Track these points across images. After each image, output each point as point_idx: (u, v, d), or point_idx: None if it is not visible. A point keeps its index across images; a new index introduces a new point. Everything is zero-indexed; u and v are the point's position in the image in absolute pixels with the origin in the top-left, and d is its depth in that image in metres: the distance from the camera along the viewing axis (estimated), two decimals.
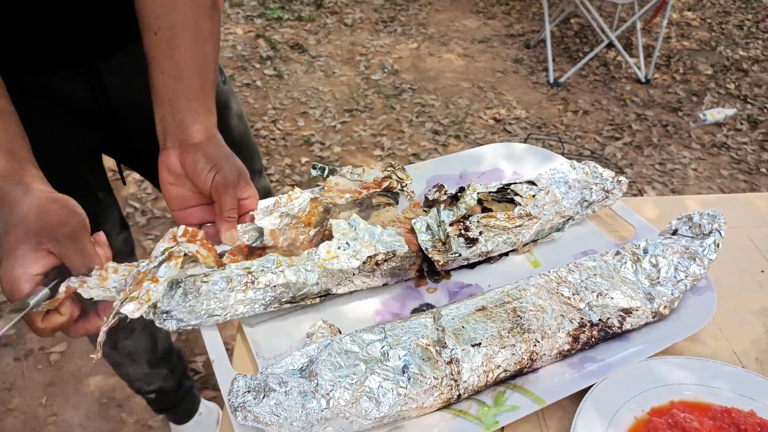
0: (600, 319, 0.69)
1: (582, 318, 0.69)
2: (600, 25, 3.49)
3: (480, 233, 0.78)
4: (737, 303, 0.80)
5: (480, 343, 0.64)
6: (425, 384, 0.61)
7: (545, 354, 0.66)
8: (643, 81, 3.50)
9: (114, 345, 1.26)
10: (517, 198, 0.82)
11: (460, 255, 0.77)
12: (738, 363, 0.72)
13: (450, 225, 0.78)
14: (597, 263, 0.75)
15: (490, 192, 0.84)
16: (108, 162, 1.12)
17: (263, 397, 0.58)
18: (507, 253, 0.83)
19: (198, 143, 0.71)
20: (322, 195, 0.79)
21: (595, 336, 0.69)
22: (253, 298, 0.68)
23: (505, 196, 0.84)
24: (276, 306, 0.71)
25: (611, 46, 3.56)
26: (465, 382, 0.62)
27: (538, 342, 0.66)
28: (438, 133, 3.00)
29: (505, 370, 0.64)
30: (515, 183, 0.84)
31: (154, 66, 0.73)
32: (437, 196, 0.85)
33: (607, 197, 0.87)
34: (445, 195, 0.85)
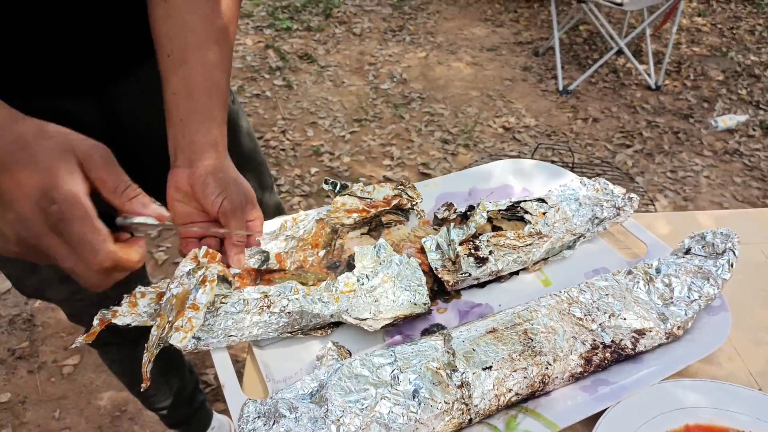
0: (613, 341, 0.68)
1: (594, 339, 0.68)
2: (609, 32, 3.48)
3: (490, 252, 0.77)
4: (753, 322, 0.78)
5: (491, 366, 0.63)
6: (436, 408, 0.60)
7: (557, 377, 0.66)
8: (654, 88, 3.48)
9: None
10: (527, 216, 0.82)
11: (470, 275, 0.76)
12: (754, 385, 0.71)
13: (460, 244, 0.77)
14: (609, 283, 0.74)
15: (499, 210, 0.83)
16: None
17: (273, 423, 0.57)
18: (517, 272, 0.82)
19: (207, 166, 0.72)
20: (328, 216, 0.79)
21: (608, 358, 0.68)
22: (268, 321, 0.69)
23: (515, 213, 0.84)
24: (289, 334, 0.71)
25: (621, 53, 3.55)
26: (476, 406, 0.62)
27: (550, 365, 0.65)
28: (447, 142, 3.00)
29: (517, 393, 0.64)
30: (525, 200, 0.84)
31: (166, 87, 0.74)
32: (447, 214, 0.85)
33: (619, 214, 0.86)
34: (455, 213, 0.85)
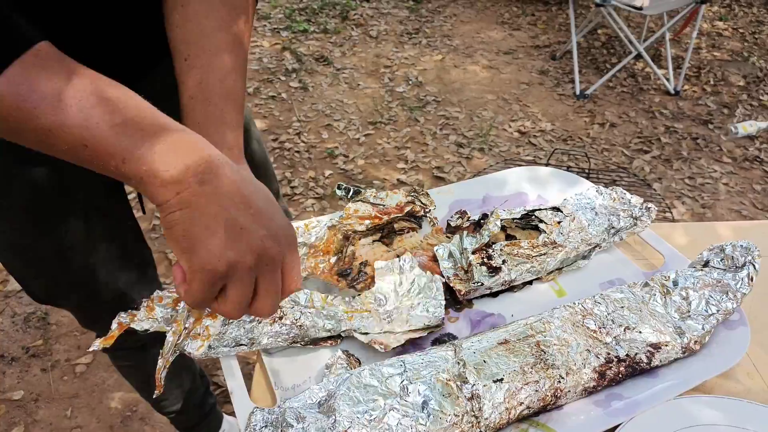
0: (627, 355, 0.67)
1: (609, 353, 0.67)
2: (628, 36, 3.44)
3: (503, 262, 0.76)
4: None
5: (502, 379, 0.62)
6: (445, 421, 0.59)
7: (570, 391, 0.64)
8: (673, 93, 3.44)
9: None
10: (542, 225, 0.81)
11: (482, 284, 0.75)
12: None
13: (472, 253, 0.76)
14: (624, 295, 0.72)
15: (513, 218, 0.82)
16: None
17: None
18: (531, 282, 0.81)
19: None
20: (340, 222, 0.79)
21: (623, 372, 0.66)
22: (279, 332, 0.68)
23: (530, 222, 0.83)
24: (299, 345, 0.71)
25: (639, 57, 3.50)
26: (486, 419, 0.61)
27: (562, 378, 0.64)
28: (462, 146, 2.98)
29: (528, 407, 0.63)
30: (540, 209, 0.83)
31: (183, 91, 0.74)
32: (460, 222, 0.84)
33: (636, 224, 0.84)
34: (468, 221, 0.84)
